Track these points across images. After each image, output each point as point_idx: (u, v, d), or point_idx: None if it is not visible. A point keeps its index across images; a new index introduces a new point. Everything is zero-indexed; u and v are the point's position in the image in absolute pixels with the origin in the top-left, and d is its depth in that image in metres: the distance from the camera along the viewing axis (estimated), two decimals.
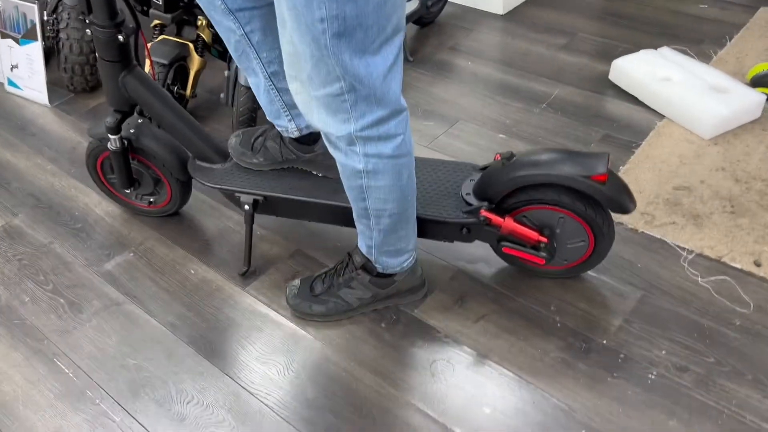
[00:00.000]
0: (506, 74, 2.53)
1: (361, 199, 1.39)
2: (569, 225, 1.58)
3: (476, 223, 1.59)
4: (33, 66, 2.47)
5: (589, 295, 1.67)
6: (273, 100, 1.58)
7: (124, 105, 1.70)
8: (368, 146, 1.29)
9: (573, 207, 1.54)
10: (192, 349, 1.61)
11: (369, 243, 1.50)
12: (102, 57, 1.61)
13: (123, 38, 1.57)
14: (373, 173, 1.33)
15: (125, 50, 1.61)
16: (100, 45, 1.59)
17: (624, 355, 1.53)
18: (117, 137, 1.73)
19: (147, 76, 1.68)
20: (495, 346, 1.57)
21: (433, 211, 1.61)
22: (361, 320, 1.65)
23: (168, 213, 1.95)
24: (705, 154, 2.06)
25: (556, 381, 1.49)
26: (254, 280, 1.77)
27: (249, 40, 1.49)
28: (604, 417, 1.42)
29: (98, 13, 1.54)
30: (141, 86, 1.65)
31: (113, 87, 1.66)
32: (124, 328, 1.66)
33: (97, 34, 1.56)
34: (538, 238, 1.56)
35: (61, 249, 1.90)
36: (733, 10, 2.83)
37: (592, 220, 1.55)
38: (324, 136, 1.33)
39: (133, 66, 1.65)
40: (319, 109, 1.26)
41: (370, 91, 1.20)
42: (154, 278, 1.79)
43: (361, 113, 1.24)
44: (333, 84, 1.19)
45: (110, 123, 1.71)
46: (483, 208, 1.56)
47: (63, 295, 1.76)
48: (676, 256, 1.76)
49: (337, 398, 1.49)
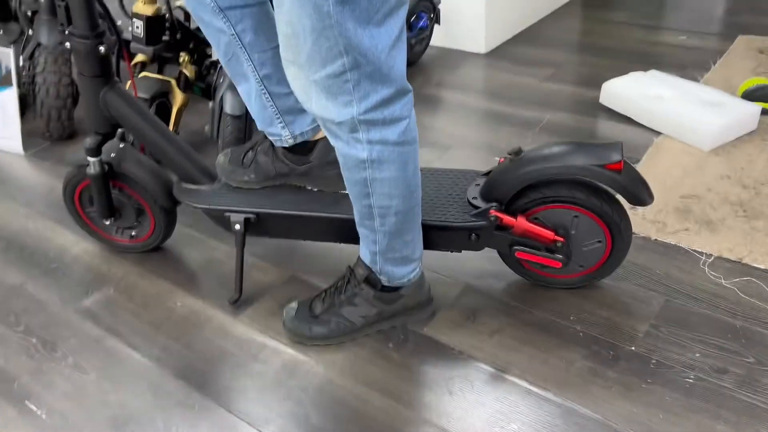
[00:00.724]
0: (495, 104, 2.50)
1: (364, 196, 1.29)
2: (584, 224, 1.48)
3: (486, 227, 1.49)
4: (7, 113, 2.37)
5: (608, 303, 1.56)
6: (265, 105, 1.50)
7: (105, 125, 1.60)
8: (372, 132, 1.20)
9: (588, 203, 1.45)
10: (181, 382, 1.45)
11: (373, 249, 1.39)
12: (81, 72, 1.53)
13: (104, 50, 1.49)
14: (377, 163, 1.23)
15: (106, 64, 1.53)
16: (80, 58, 1.51)
17: (656, 360, 1.41)
18: (97, 160, 1.63)
19: (129, 93, 1.59)
20: (514, 359, 1.44)
21: (438, 216, 1.51)
22: (365, 342, 1.51)
23: (151, 247, 1.82)
24: (707, 165, 2.01)
25: (586, 391, 1.35)
26: (247, 308, 1.63)
27: (240, 41, 1.42)
28: (644, 425, 1.28)
29: (78, 23, 1.46)
30: (123, 103, 1.56)
31: (93, 105, 1.56)
32: (104, 364, 1.50)
33: (77, 46, 1.48)
34: (554, 238, 1.46)
35: (33, 289, 1.74)
36: (712, 39, 2.86)
37: (608, 217, 1.46)
38: (323, 125, 1.24)
39: (115, 82, 1.57)
40: (319, 93, 1.18)
41: (374, 66, 1.13)
42: (137, 312, 1.64)
43: (364, 93, 1.15)
44: (335, 61, 1.12)
45: (90, 144, 1.60)
46: (492, 209, 1.47)
47: (35, 335, 1.60)
48: (695, 261, 1.66)
49: (344, 423, 1.33)
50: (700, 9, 3.18)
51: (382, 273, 1.43)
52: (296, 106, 1.51)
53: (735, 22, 2.99)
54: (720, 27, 2.98)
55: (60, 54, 2.31)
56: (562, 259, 1.49)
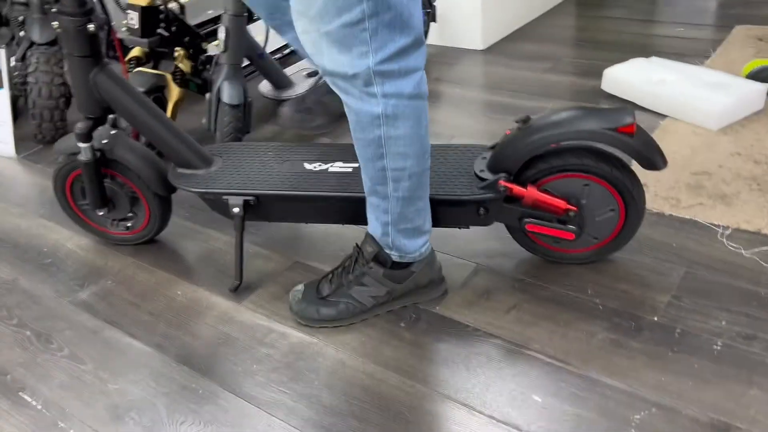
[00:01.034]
0: (495, 96, 2.46)
1: (378, 157, 1.24)
2: (596, 192, 1.43)
3: (495, 199, 1.43)
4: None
5: (626, 276, 1.50)
6: None
7: (96, 109, 1.54)
8: (387, 84, 1.15)
9: (598, 170, 1.40)
10: (184, 368, 1.37)
11: (385, 219, 1.33)
12: (71, 52, 1.48)
13: (93, 28, 1.44)
14: (392, 118, 1.18)
15: (95, 43, 1.48)
16: (69, 38, 1.45)
17: (681, 329, 1.35)
18: (88, 146, 1.57)
19: (120, 75, 1.54)
20: (533, 334, 1.38)
21: (446, 190, 1.45)
22: (376, 322, 1.44)
23: (147, 238, 1.75)
24: (716, 143, 1.97)
25: (610, 362, 1.29)
26: (251, 294, 1.56)
27: None
28: (674, 393, 1.21)
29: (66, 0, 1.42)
30: (114, 84, 1.51)
31: (84, 88, 1.51)
32: (102, 355, 1.43)
33: (66, 23, 1.43)
34: (566, 207, 1.41)
35: (27, 284, 1.67)
36: (709, 30, 2.84)
37: (620, 182, 1.41)
38: (333, 83, 1.20)
39: (105, 63, 1.51)
40: (331, 47, 1.13)
41: (395, 12, 1.08)
42: (136, 302, 1.57)
43: (381, 43, 1.11)
44: (352, 9, 1.07)
45: (81, 129, 1.54)
46: (502, 179, 1.41)
47: (29, 328, 1.52)
48: (712, 233, 1.61)
49: (359, 402, 1.26)
50: (694, 3, 3.18)
51: (394, 247, 1.37)
52: None
53: (730, 14, 2.98)
54: (715, 19, 2.97)
55: (52, 54, 2.26)
56: (575, 230, 1.43)
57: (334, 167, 1.57)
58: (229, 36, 1.93)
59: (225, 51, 1.95)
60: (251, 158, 1.64)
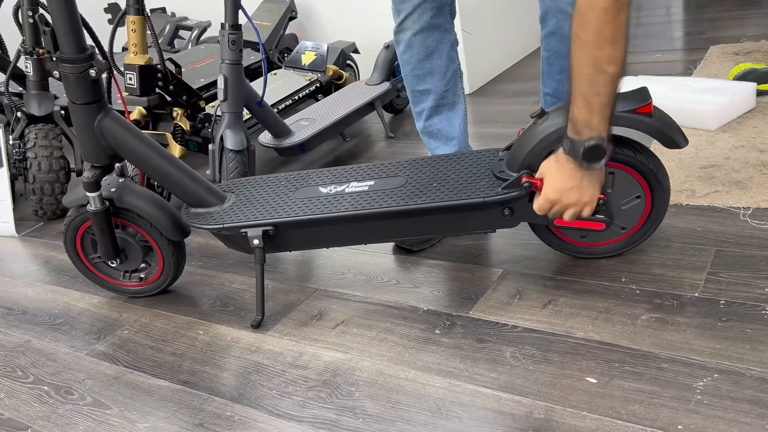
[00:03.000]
0: (491, 128, 2.49)
1: None
2: (620, 180, 1.42)
3: (519, 198, 1.42)
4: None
5: (658, 262, 1.47)
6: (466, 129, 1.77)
7: (103, 157, 1.52)
8: None
9: (622, 155, 1.39)
10: (216, 398, 1.30)
11: None
12: (74, 101, 1.46)
13: (95, 73, 1.44)
14: None
15: (98, 89, 1.47)
16: (71, 86, 1.44)
17: (725, 300, 1.31)
18: (97, 195, 1.54)
19: (124, 119, 1.53)
20: (574, 323, 1.33)
21: (469, 194, 1.43)
22: (408, 333, 1.39)
23: (162, 287, 1.70)
24: (718, 140, 1.99)
25: (660, 338, 1.24)
26: (276, 324, 1.51)
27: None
28: (732, 357, 1.16)
29: (66, 45, 1.41)
30: (120, 128, 1.50)
31: (89, 136, 1.49)
32: (126, 397, 1.36)
33: (68, 71, 1.42)
34: None
35: (40, 344, 1.61)
36: (685, 53, 2.94)
37: (644, 167, 1.40)
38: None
39: (109, 108, 1.51)
40: None
41: None
42: (156, 346, 1.51)
43: None
44: None
45: (88, 178, 1.51)
46: (524, 175, 1.40)
47: (46, 383, 1.45)
48: (734, 215, 1.60)
49: (406, 406, 1.19)
50: (664, 33, 3.30)
51: None
52: None
53: (702, 38, 3.09)
54: (689, 44, 3.08)
55: (50, 129, 2.28)
56: (605, 219, 1.41)
57: (350, 188, 1.55)
58: (228, 84, 1.95)
59: (225, 100, 1.97)
60: (264, 190, 1.63)
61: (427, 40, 1.66)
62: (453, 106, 1.75)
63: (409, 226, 1.48)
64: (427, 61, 1.68)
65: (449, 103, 1.74)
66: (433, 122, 1.75)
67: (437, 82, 1.70)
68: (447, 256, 1.66)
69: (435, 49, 1.67)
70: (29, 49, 2.23)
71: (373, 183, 1.55)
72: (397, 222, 1.48)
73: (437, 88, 1.70)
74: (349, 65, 2.88)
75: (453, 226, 1.49)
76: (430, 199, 1.44)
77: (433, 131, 1.77)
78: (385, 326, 1.43)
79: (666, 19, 3.55)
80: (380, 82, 2.59)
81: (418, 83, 1.72)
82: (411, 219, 1.47)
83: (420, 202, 1.44)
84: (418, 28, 1.65)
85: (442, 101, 1.73)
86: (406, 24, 1.66)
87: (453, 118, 1.73)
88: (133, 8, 2.00)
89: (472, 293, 1.49)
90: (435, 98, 1.72)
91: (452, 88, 1.73)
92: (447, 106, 1.74)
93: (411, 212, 1.44)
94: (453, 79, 1.72)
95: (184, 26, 3.28)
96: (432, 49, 1.67)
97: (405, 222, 1.48)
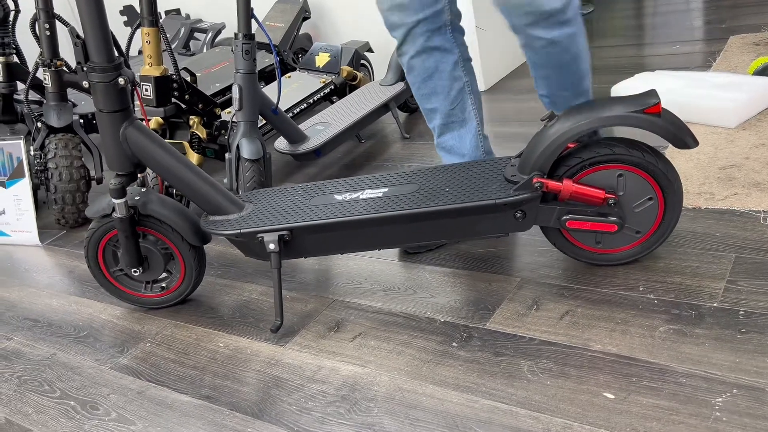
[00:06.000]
0: (506, 127, 2.48)
1: None
2: (631, 182, 1.41)
3: (531, 200, 1.41)
4: (21, 206, 2.34)
5: (675, 270, 1.46)
6: (478, 145, 1.74)
7: (127, 164, 1.56)
8: None
9: (631, 157, 1.39)
10: (237, 414, 1.32)
11: None
12: (101, 109, 1.50)
13: (123, 82, 1.48)
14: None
15: (125, 98, 1.51)
16: (99, 94, 1.48)
17: (744, 311, 1.30)
18: (123, 201, 1.57)
19: (148, 128, 1.56)
20: (592, 335, 1.33)
21: (481, 196, 1.43)
22: (425, 346, 1.40)
23: (183, 296, 1.73)
24: (737, 139, 1.96)
25: (679, 351, 1.24)
26: (294, 336, 1.53)
27: (471, 87, 1.71)
28: (752, 372, 1.16)
29: (97, 55, 1.45)
30: (144, 137, 1.53)
31: (114, 144, 1.53)
32: (151, 413, 1.38)
33: (96, 79, 1.47)
34: (605, 195, 1.39)
35: (65, 357, 1.64)
36: (705, 43, 2.89)
37: (654, 167, 1.39)
38: (548, 21, 1.43)
39: (134, 117, 1.54)
40: None
41: None
42: (178, 360, 1.54)
43: None
44: None
45: (115, 185, 1.56)
46: (535, 176, 1.40)
47: (73, 398, 1.48)
48: (754, 219, 1.58)
49: (424, 423, 1.20)
50: (682, 24, 3.25)
51: None
52: None
53: (721, 28, 3.04)
54: (708, 34, 3.03)
55: (70, 139, 2.31)
56: (617, 220, 1.41)
57: (364, 195, 1.57)
58: (243, 94, 1.96)
59: (240, 109, 1.98)
60: (281, 199, 1.64)
61: (426, 62, 1.65)
62: (463, 123, 1.72)
63: (423, 229, 1.49)
64: (429, 82, 1.67)
65: (459, 121, 1.72)
66: (445, 138, 1.75)
67: (442, 101, 1.69)
68: (463, 264, 1.66)
69: (435, 70, 1.66)
70: (47, 61, 2.26)
71: (387, 190, 1.56)
72: (411, 226, 1.49)
73: (442, 107, 1.70)
74: (363, 65, 2.87)
75: (466, 230, 1.49)
76: (442, 202, 1.45)
77: (446, 147, 1.76)
78: (402, 338, 1.44)
79: (685, 7, 3.49)
80: (394, 82, 2.59)
81: (424, 102, 1.72)
82: (424, 222, 1.48)
83: (433, 204, 1.44)
84: (414, 52, 1.65)
85: (450, 119, 1.72)
86: (403, 49, 1.67)
87: (464, 135, 1.72)
88: (147, 20, 2.01)
89: (488, 303, 1.49)
90: (442, 116, 1.71)
91: (460, 106, 1.70)
92: (457, 123, 1.72)
93: (424, 215, 1.45)
94: (459, 96, 1.70)
95: (199, 29, 3.29)
96: (432, 70, 1.66)
97: (418, 225, 1.48)
